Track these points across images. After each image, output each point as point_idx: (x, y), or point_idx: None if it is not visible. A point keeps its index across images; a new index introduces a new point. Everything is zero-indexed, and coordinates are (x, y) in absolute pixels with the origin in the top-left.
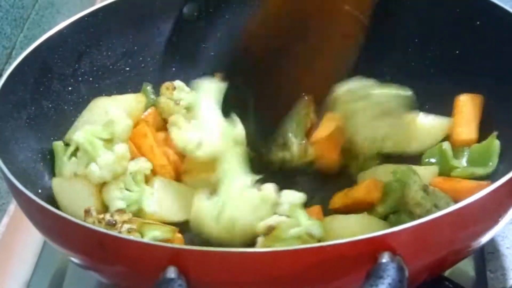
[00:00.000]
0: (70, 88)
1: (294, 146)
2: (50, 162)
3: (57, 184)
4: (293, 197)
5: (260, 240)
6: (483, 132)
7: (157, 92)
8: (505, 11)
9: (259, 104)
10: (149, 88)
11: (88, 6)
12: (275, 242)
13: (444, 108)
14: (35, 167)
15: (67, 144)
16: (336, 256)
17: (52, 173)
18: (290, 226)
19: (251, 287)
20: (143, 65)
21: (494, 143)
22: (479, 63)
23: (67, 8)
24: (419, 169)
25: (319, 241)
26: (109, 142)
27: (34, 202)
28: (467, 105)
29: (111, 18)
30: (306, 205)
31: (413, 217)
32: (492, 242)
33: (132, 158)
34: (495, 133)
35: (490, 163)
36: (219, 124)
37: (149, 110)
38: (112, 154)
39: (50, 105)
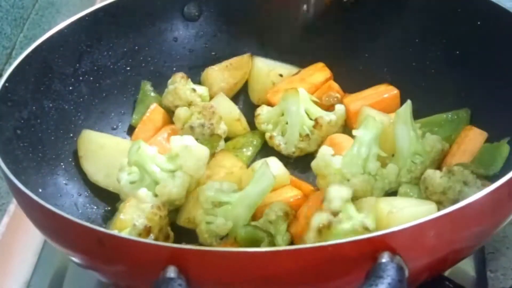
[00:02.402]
0: (70, 88)
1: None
2: (50, 161)
3: None
4: (342, 192)
5: (311, 236)
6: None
7: (157, 90)
8: (506, 11)
9: None
10: (148, 86)
11: (88, 6)
12: (329, 238)
13: (442, 106)
14: (36, 167)
15: None
16: (336, 255)
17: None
18: (341, 221)
19: (250, 287)
20: (143, 64)
21: (503, 148)
22: (480, 63)
23: (67, 8)
24: None
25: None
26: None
27: (35, 201)
28: (472, 140)
29: (112, 18)
30: None
31: (443, 205)
32: (492, 242)
33: None
34: (506, 139)
35: (493, 166)
36: None
37: (152, 107)
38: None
39: (51, 105)
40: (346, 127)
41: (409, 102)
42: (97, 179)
